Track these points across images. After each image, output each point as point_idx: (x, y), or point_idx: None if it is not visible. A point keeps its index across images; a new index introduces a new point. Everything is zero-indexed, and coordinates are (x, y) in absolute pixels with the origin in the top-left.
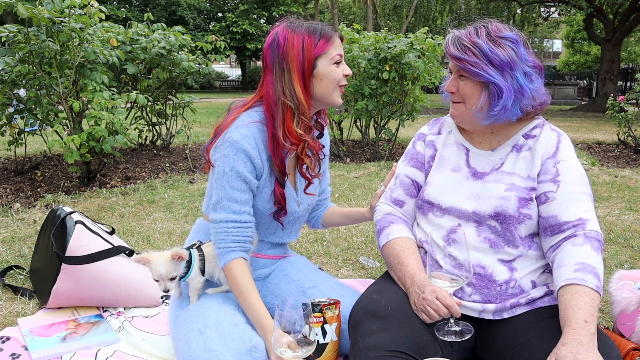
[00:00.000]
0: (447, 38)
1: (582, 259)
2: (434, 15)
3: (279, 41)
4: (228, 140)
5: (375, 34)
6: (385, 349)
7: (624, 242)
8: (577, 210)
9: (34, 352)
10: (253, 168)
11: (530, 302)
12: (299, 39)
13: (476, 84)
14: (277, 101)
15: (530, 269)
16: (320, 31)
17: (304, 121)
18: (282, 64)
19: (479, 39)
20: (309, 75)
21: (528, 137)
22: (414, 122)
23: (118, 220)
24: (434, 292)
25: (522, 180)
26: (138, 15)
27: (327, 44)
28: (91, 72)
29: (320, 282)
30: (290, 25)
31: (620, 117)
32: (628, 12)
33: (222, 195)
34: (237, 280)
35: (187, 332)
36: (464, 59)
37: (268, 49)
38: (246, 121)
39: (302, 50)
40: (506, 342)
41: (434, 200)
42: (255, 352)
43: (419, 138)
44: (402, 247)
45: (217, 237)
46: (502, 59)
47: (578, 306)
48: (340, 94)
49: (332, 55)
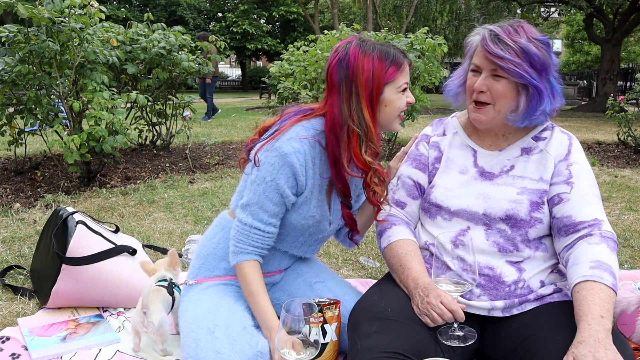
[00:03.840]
0: (483, 34)
1: (598, 257)
2: (434, 15)
3: (349, 61)
4: (278, 150)
5: (375, 34)
6: (383, 350)
7: (624, 242)
8: (592, 211)
9: (34, 352)
10: (295, 184)
11: (539, 298)
12: (370, 63)
13: (512, 85)
14: (342, 125)
15: (538, 269)
16: (393, 57)
17: (372, 147)
18: (350, 86)
19: (521, 39)
20: (376, 102)
21: (538, 139)
22: (414, 122)
23: (118, 220)
24: (439, 297)
25: (534, 183)
26: (138, 15)
27: (397, 71)
28: (91, 72)
29: (327, 278)
30: (361, 45)
31: (620, 117)
32: (628, 12)
33: (254, 200)
34: (248, 279)
35: (196, 327)
36: (507, 59)
37: (336, 66)
38: (301, 134)
39: (372, 75)
40: (517, 336)
41: (442, 204)
42: (260, 357)
43: (422, 139)
44: (405, 249)
45: (236, 237)
46: (542, 61)
47: (594, 302)
48: (399, 122)
49: (400, 83)
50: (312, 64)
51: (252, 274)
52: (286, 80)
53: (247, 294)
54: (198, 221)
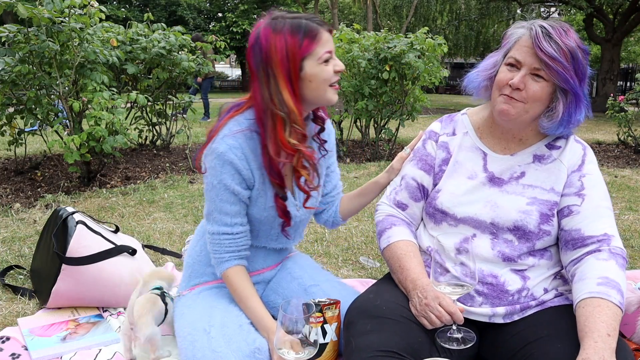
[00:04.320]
0: (535, 30)
1: (606, 274)
2: (434, 15)
3: (261, 43)
4: (214, 152)
5: (375, 34)
6: (378, 349)
7: (624, 242)
8: (602, 225)
9: (34, 352)
10: (242, 180)
11: (540, 303)
12: (282, 41)
13: (550, 89)
14: (265, 110)
15: (542, 277)
16: (305, 29)
17: (297, 130)
18: (266, 69)
19: (571, 42)
20: (296, 79)
21: (552, 147)
22: (414, 122)
23: (118, 220)
24: (437, 298)
25: (545, 193)
26: (138, 15)
27: (313, 42)
28: (91, 72)
29: (323, 280)
30: (272, 24)
31: (620, 117)
32: (628, 12)
33: (212, 207)
34: (235, 286)
35: (191, 330)
36: (558, 60)
37: (250, 52)
38: (234, 129)
39: (287, 53)
40: (517, 342)
41: (448, 210)
42: (258, 354)
43: (430, 137)
44: (404, 250)
45: (212, 248)
46: (584, 69)
47: (601, 319)
48: (334, 92)
49: (320, 54)
50: None
51: (237, 279)
52: None
53: (237, 300)
54: (198, 221)
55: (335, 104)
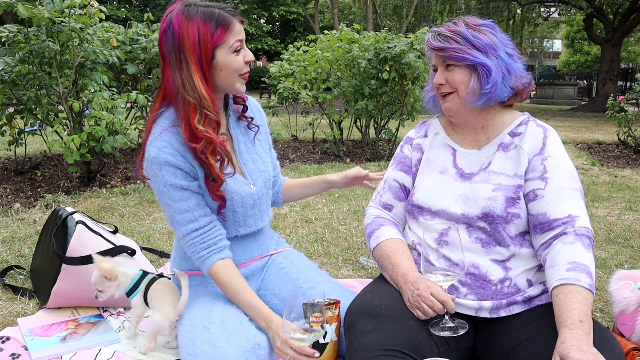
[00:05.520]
0: (427, 36)
1: (574, 258)
2: (434, 15)
3: (174, 29)
4: (148, 159)
5: (375, 34)
6: (380, 348)
7: (624, 242)
8: (566, 206)
9: (34, 352)
10: (185, 174)
11: (527, 300)
12: (194, 28)
13: (464, 69)
14: (176, 94)
15: (524, 267)
16: (217, 18)
17: (210, 116)
18: (179, 55)
19: (459, 28)
20: (207, 67)
21: (514, 135)
22: (414, 122)
23: (118, 220)
24: (429, 288)
25: (509, 179)
26: (138, 15)
27: (226, 32)
28: (91, 72)
29: (320, 282)
30: (185, 11)
31: (620, 117)
32: (628, 12)
33: (170, 211)
34: (223, 282)
35: (191, 327)
36: (447, 48)
37: (162, 36)
38: (157, 132)
39: (199, 41)
40: (506, 341)
41: (424, 205)
42: (258, 349)
43: (407, 142)
44: (393, 247)
45: (189, 252)
46: (484, 42)
47: (572, 306)
48: (243, 82)
49: (231, 43)
50: (312, 64)
51: (222, 274)
52: (286, 80)
53: (229, 296)
54: None
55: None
